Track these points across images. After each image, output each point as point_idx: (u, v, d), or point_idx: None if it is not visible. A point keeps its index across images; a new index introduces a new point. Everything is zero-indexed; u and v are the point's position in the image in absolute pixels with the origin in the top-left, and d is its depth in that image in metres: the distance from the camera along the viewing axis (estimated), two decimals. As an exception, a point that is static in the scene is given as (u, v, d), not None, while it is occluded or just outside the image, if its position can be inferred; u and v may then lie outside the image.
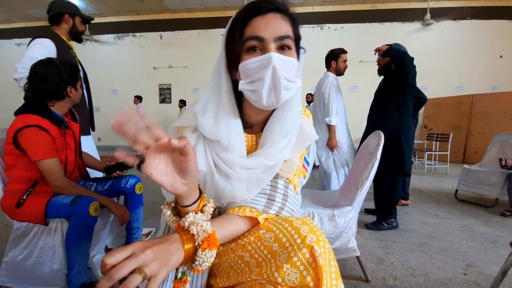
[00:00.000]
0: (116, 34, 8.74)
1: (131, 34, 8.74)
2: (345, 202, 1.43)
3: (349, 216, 1.34)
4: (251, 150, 0.67)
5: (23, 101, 1.89)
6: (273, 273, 0.52)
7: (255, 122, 0.65)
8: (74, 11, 1.78)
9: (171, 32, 8.55)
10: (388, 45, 2.36)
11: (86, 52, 2.06)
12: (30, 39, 1.71)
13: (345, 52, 2.53)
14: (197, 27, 8.33)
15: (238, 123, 0.61)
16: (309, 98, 5.96)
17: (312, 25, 8.06)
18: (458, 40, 7.40)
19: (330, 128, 2.45)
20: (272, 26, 0.54)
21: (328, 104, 2.44)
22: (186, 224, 0.50)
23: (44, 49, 1.62)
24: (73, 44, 1.88)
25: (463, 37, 7.38)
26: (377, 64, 2.34)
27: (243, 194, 0.62)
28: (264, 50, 0.54)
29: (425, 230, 2.16)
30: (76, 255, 1.16)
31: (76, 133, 1.41)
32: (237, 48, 0.56)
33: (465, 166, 3.12)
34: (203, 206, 0.53)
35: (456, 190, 3.12)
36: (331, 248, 0.52)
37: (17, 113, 1.24)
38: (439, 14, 7.10)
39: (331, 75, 2.54)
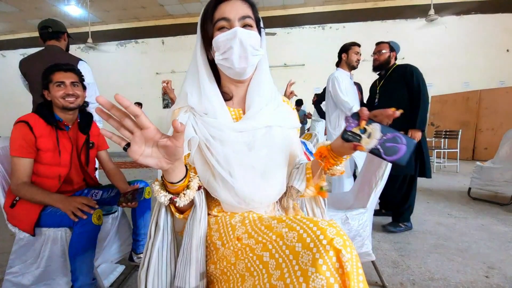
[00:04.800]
0: (119, 41, 8.79)
1: (133, 40, 8.78)
2: (358, 204, 1.37)
3: (363, 219, 1.28)
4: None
5: (28, 110, 1.91)
6: (298, 278, 0.47)
7: (234, 94, 0.75)
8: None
9: (173, 37, 8.57)
10: (383, 42, 2.28)
11: (89, 60, 2.06)
12: (34, 49, 1.78)
13: (358, 45, 2.44)
14: (198, 32, 8.35)
15: (217, 94, 0.70)
16: (314, 98, 5.81)
17: (314, 26, 8.01)
18: (463, 35, 7.28)
19: None
20: (235, 8, 0.67)
21: (338, 99, 2.35)
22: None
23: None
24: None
25: (468, 32, 7.26)
26: (375, 60, 2.26)
27: (245, 155, 0.68)
28: (231, 28, 0.66)
29: (440, 231, 2.07)
30: (80, 266, 1.12)
31: (80, 140, 1.37)
32: (209, 30, 0.68)
33: (478, 163, 3.03)
34: (189, 181, 0.61)
35: (469, 188, 3.03)
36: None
37: None
38: (442, 9, 7.01)
39: (338, 70, 2.46)
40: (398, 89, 2.14)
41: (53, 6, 7.36)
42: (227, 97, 0.73)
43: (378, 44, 2.28)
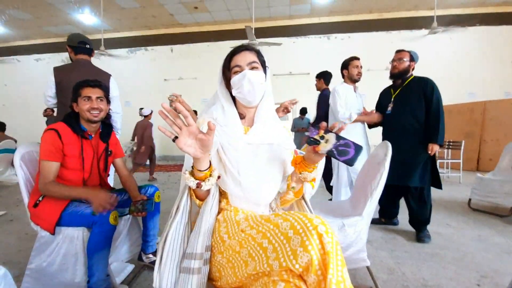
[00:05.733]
0: (129, 48, 9.06)
1: (143, 47, 9.05)
2: (354, 212, 1.45)
3: (359, 226, 1.36)
4: None
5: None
6: (289, 257, 0.61)
7: (246, 115, 0.99)
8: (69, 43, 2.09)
9: (182, 45, 8.81)
10: (404, 50, 2.27)
11: (100, 66, 2.21)
12: (47, 54, 1.88)
13: (357, 58, 2.53)
14: (206, 40, 8.56)
15: (235, 114, 0.97)
16: None
17: (319, 35, 8.16)
18: (468, 46, 7.35)
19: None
20: (244, 57, 0.93)
21: (335, 110, 2.49)
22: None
23: (49, 83, 1.96)
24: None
25: (473, 43, 7.33)
26: (395, 68, 2.22)
27: (251, 159, 0.91)
28: (242, 71, 0.92)
29: (437, 240, 2.13)
30: (97, 262, 1.23)
31: (100, 148, 1.50)
32: (227, 74, 0.96)
33: (478, 174, 3.07)
34: (211, 172, 0.80)
35: (470, 199, 3.07)
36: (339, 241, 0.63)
37: None
38: (446, 21, 7.10)
39: (342, 84, 2.58)
40: (415, 101, 2.13)
41: (68, 15, 7.66)
42: (241, 117, 0.98)
43: (399, 51, 2.25)
